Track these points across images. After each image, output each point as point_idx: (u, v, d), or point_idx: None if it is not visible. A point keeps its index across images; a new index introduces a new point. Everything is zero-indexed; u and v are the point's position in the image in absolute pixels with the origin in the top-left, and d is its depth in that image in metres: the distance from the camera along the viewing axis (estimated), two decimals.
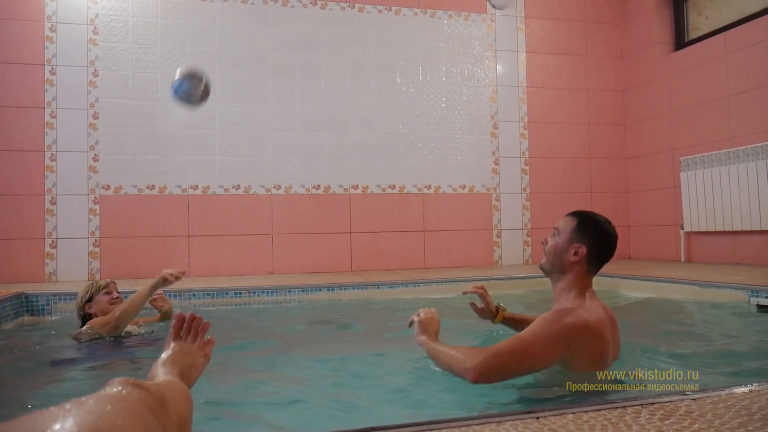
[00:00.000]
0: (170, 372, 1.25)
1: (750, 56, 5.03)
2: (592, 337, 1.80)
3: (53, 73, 5.02)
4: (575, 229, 1.98)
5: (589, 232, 1.97)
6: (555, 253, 1.99)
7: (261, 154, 5.45)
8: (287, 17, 5.59)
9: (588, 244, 1.95)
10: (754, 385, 1.44)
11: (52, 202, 4.97)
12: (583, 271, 1.96)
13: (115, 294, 3.13)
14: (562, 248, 1.98)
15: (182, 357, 1.34)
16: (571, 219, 2.03)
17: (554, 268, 2.00)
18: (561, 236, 2.00)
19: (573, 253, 1.95)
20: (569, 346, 1.76)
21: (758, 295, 3.39)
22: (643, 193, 6.29)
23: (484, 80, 6.09)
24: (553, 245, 2.01)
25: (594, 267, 1.98)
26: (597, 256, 1.97)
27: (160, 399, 0.79)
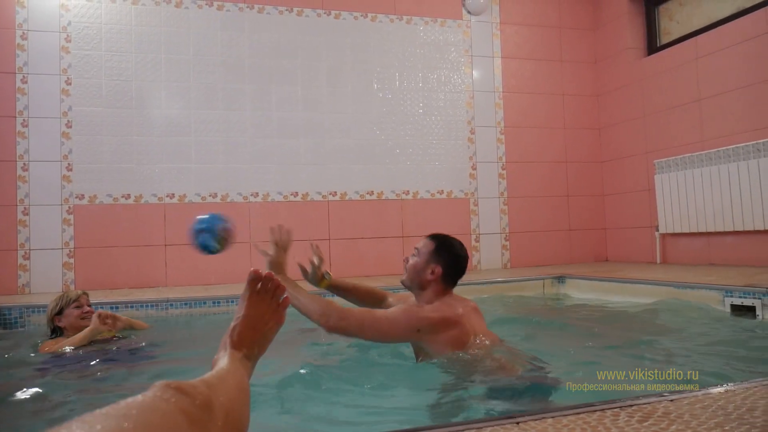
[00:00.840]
0: (234, 355, 1.16)
1: (720, 60, 5.12)
2: (444, 325, 2.07)
3: (24, 82, 4.94)
4: (433, 251, 2.24)
5: (445, 255, 2.24)
6: (414, 271, 2.24)
7: (238, 162, 5.41)
8: (263, 24, 5.57)
9: (443, 265, 2.22)
10: (730, 385, 1.46)
11: (24, 213, 4.88)
12: (439, 288, 2.22)
13: (86, 308, 3.06)
14: (421, 267, 2.23)
15: (252, 329, 1.24)
16: (429, 242, 2.29)
17: (413, 284, 2.25)
18: (420, 257, 2.25)
19: (430, 272, 2.21)
20: (418, 330, 2.05)
21: (732, 296, 3.44)
22: (618, 196, 6.37)
23: (460, 86, 6.12)
24: (412, 264, 2.26)
25: (449, 284, 2.25)
26: (451, 276, 2.24)
27: (204, 403, 0.76)
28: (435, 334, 2.06)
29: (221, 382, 0.93)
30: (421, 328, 2.05)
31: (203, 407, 0.75)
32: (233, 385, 0.96)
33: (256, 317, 1.27)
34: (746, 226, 4.75)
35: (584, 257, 6.42)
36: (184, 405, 0.71)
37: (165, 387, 0.72)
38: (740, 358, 2.38)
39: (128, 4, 5.24)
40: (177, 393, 0.72)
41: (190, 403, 0.72)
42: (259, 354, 1.26)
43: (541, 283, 4.91)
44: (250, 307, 1.28)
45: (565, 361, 2.38)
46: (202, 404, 0.75)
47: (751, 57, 4.84)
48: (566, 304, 4.46)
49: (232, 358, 1.14)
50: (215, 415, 0.77)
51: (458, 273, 2.27)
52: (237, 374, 1.06)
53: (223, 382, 0.94)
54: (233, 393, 0.92)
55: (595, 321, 3.59)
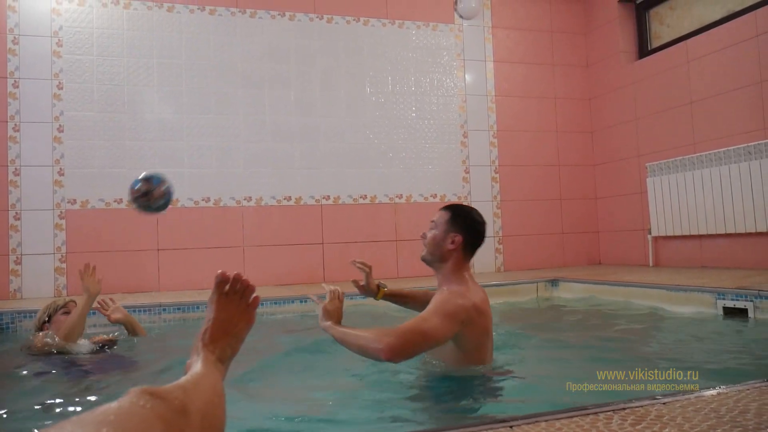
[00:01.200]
0: (207, 358, 1.16)
1: (711, 64, 5.15)
2: (478, 314, 2.02)
3: (16, 86, 4.92)
4: (449, 220, 2.18)
5: (462, 222, 2.17)
6: (434, 243, 2.19)
7: (231, 166, 5.41)
8: (255, 28, 5.56)
9: (462, 232, 2.15)
10: (722, 387, 1.46)
11: (16, 218, 4.86)
12: (460, 257, 2.16)
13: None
14: (440, 238, 2.17)
15: (223, 331, 1.24)
16: (445, 212, 2.22)
17: (434, 258, 2.20)
18: (438, 228, 2.19)
19: (450, 241, 2.15)
20: (462, 322, 1.96)
21: (724, 298, 3.46)
22: (611, 199, 6.39)
23: (453, 89, 6.14)
24: (431, 237, 2.20)
25: (469, 253, 2.19)
26: (471, 243, 2.18)
27: (180, 408, 0.76)
28: (471, 325, 2.00)
29: (196, 386, 0.94)
30: (465, 319, 1.97)
31: (179, 412, 0.75)
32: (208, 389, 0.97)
33: (226, 319, 1.27)
34: (738, 229, 4.77)
35: (577, 260, 6.43)
36: (161, 410, 0.71)
37: (141, 393, 0.72)
38: (732, 361, 2.39)
39: (120, 8, 5.22)
40: (153, 398, 0.72)
41: (166, 408, 0.73)
42: (232, 355, 1.26)
43: (534, 286, 4.91)
44: (219, 310, 1.28)
45: (560, 364, 2.39)
46: (178, 409, 0.75)
47: (741, 60, 4.87)
48: (560, 307, 4.47)
49: (205, 362, 1.14)
50: (191, 419, 0.78)
51: (478, 240, 2.20)
52: (211, 377, 1.06)
53: (198, 386, 0.94)
54: (208, 396, 0.93)
55: (589, 324, 3.60)
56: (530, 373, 2.22)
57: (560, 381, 2.05)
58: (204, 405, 0.87)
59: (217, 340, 1.23)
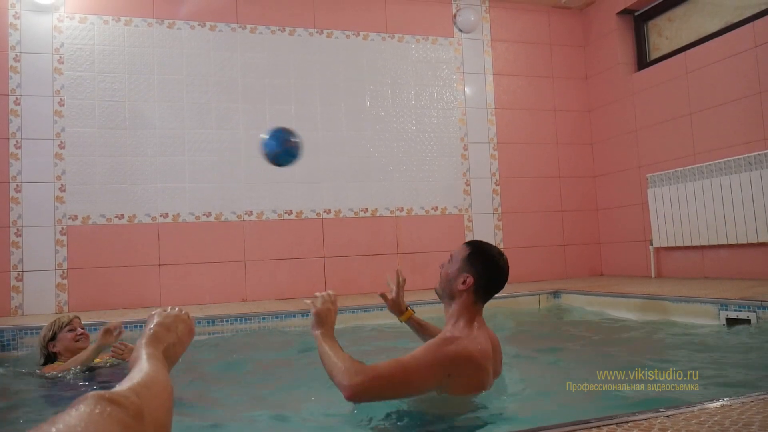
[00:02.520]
0: (154, 353, 1.16)
1: (710, 75, 5.17)
2: (473, 369, 1.80)
3: (17, 104, 4.94)
4: (466, 258, 1.99)
5: (478, 263, 1.97)
6: (446, 279, 2.01)
7: (232, 181, 5.41)
8: (256, 44, 5.60)
9: (475, 274, 1.95)
10: (726, 400, 1.45)
11: (17, 234, 4.86)
12: (471, 300, 1.95)
13: (79, 330, 3.04)
14: (452, 276, 1.98)
15: (166, 331, 1.26)
16: (465, 248, 2.03)
17: (444, 294, 2.02)
18: (452, 264, 2.01)
19: (461, 281, 1.95)
20: (449, 375, 1.76)
21: (727, 309, 3.44)
22: (612, 210, 6.39)
23: (452, 103, 6.16)
24: (444, 272, 2.03)
25: (482, 297, 1.98)
26: (484, 287, 1.97)
27: (136, 412, 0.76)
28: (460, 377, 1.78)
29: (148, 386, 0.94)
30: (452, 373, 1.76)
31: (136, 417, 0.75)
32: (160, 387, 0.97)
33: (168, 322, 1.29)
34: (740, 239, 4.76)
35: (579, 272, 6.42)
36: (120, 416, 0.71)
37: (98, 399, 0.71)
38: (736, 372, 2.38)
39: (121, 25, 5.26)
40: (111, 404, 0.72)
41: (124, 413, 0.73)
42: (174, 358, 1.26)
43: (536, 298, 4.90)
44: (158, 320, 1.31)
45: (560, 375, 2.37)
46: (135, 414, 0.75)
47: (740, 71, 4.89)
48: (562, 318, 4.45)
49: (152, 357, 1.15)
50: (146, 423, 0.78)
51: (493, 286, 1.99)
52: (161, 374, 1.06)
53: (150, 386, 0.94)
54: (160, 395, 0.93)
55: (590, 335, 3.58)
56: (532, 385, 2.21)
57: (561, 393, 2.04)
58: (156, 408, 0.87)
59: (162, 336, 1.24)
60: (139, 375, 1.02)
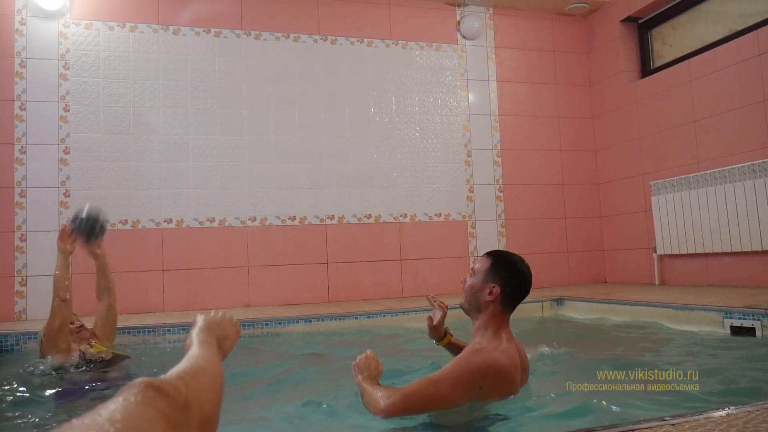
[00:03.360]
0: (208, 339, 1.17)
1: (713, 83, 5.17)
2: (503, 380, 1.84)
3: (23, 109, 4.96)
4: (489, 269, 2.02)
5: (503, 272, 2.01)
6: (471, 292, 2.04)
7: (236, 186, 5.42)
8: (260, 50, 5.62)
9: (501, 283, 1.99)
10: (732, 408, 1.45)
11: (21, 239, 4.87)
12: (498, 310, 1.99)
13: (77, 323, 3.13)
14: (478, 288, 2.02)
15: (216, 326, 1.27)
16: (486, 259, 2.07)
17: (471, 307, 2.04)
18: (476, 276, 2.04)
19: (488, 292, 1.98)
20: (481, 388, 1.78)
21: (731, 317, 3.43)
22: (615, 217, 6.38)
23: (456, 109, 6.17)
24: (469, 285, 2.05)
25: (509, 306, 2.02)
26: (511, 295, 2.01)
27: (184, 403, 0.73)
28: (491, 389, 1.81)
29: (198, 377, 0.90)
30: (483, 385, 1.79)
31: (182, 409, 0.73)
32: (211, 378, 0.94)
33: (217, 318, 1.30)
34: (744, 247, 4.75)
35: (583, 279, 6.41)
36: (165, 409, 0.69)
37: (146, 388, 0.69)
38: (741, 380, 2.37)
39: (126, 31, 5.29)
40: (158, 396, 0.69)
41: (170, 406, 0.70)
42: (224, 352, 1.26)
43: (540, 305, 4.89)
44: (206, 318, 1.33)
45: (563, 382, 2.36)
46: (182, 406, 0.73)
47: (743, 79, 4.89)
48: (565, 326, 4.44)
49: (207, 345, 1.14)
50: (193, 415, 0.75)
51: (520, 293, 2.04)
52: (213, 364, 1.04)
53: (200, 377, 0.91)
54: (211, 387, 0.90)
55: (593, 343, 3.57)
56: (534, 393, 2.20)
57: (564, 401, 2.03)
58: (205, 395, 0.85)
59: (213, 329, 1.25)
60: (190, 362, 1.00)
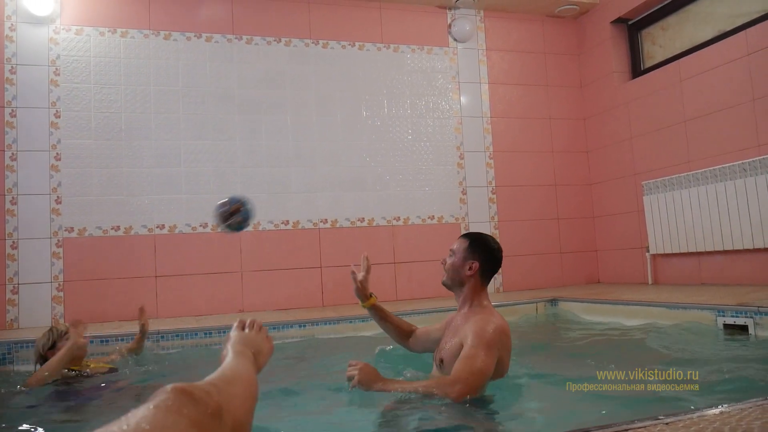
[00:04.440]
0: (243, 351, 1.18)
1: (703, 83, 5.20)
2: (506, 336, 2.18)
3: (13, 115, 4.94)
4: (468, 248, 2.34)
5: (479, 250, 2.33)
6: (453, 269, 2.35)
7: (228, 191, 5.40)
8: (252, 55, 5.61)
9: (480, 259, 2.31)
10: (725, 406, 1.45)
11: (13, 247, 4.84)
12: (478, 282, 2.32)
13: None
14: (459, 265, 2.33)
15: (252, 341, 1.30)
16: (463, 240, 2.38)
17: (454, 282, 2.36)
18: (456, 255, 2.35)
19: (468, 268, 2.31)
20: (499, 348, 2.11)
21: (724, 315, 3.45)
22: (608, 217, 6.40)
23: (448, 112, 6.18)
24: (450, 263, 2.36)
25: (486, 278, 2.35)
26: (488, 270, 2.34)
27: (215, 410, 0.73)
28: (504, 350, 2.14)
29: (231, 384, 0.90)
30: (501, 346, 2.11)
31: (214, 416, 0.72)
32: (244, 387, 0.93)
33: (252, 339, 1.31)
34: (735, 245, 4.77)
35: (576, 279, 6.42)
36: (196, 416, 0.68)
37: (178, 394, 0.68)
38: (734, 378, 2.38)
39: (117, 36, 5.27)
40: (190, 402, 0.68)
41: (202, 412, 0.69)
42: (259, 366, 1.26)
43: (533, 306, 4.90)
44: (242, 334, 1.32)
45: (559, 382, 2.37)
46: (213, 413, 0.72)
47: (733, 79, 4.92)
48: (560, 326, 4.45)
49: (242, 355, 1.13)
50: (224, 422, 0.74)
51: (494, 267, 2.36)
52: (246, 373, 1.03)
53: (233, 385, 0.91)
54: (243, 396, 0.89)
55: (588, 343, 3.58)
56: (531, 392, 2.21)
57: (561, 399, 2.04)
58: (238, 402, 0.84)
59: (249, 342, 1.27)
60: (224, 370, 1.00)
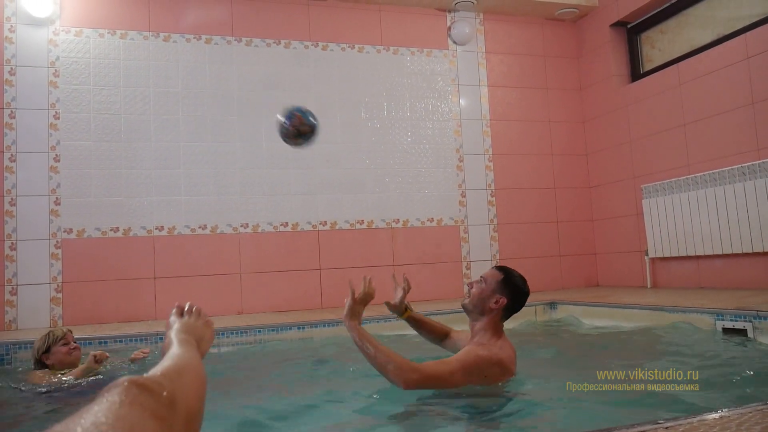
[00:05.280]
0: (187, 339, 1.17)
1: (702, 86, 5.20)
2: (501, 372, 2.20)
3: (12, 117, 4.94)
4: (501, 282, 2.34)
5: (511, 288, 2.33)
6: (480, 297, 2.34)
7: (228, 193, 5.41)
8: (251, 56, 5.61)
9: (508, 296, 2.31)
10: (725, 410, 1.45)
11: (11, 248, 4.84)
12: (498, 317, 2.33)
13: (72, 344, 3.09)
14: (487, 295, 2.33)
15: (193, 328, 1.29)
16: (498, 272, 2.38)
17: (475, 309, 2.35)
18: (487, 285, 2.35)
19: (494, 301, 2.31)
20: (486, 377, 2.15)
21: (723, 319, 3.45)
22: (607, 221, 6.40)
23: (448, 114, 6.18)
24: (478, 291, 2.35)
25: (507, 316, 2.36)
26: (511, 309, 2.35)
27: (169, 399, 0.73)
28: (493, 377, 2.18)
29: (181, 374, 0.90)
30: (488, 375, 2.16)
31: (168, 404, 0.72)
32: (193, 375, 0.94)
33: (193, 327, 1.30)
34: (734, 249, 4.78)
35: (575, 283, 6.42)
36: (153, 406, 0.68)
37: (132, 386, 0.68)
38: (733, 382, 2.38)
39: (116, 38, 5.27)
40: (145, 393, 0.69)
41: (158, 403, 0.70)
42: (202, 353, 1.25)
43: (532, 309, 4.89)
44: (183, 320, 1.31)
45: (558, 384, 2.37)
46: (167, 401, 0.72)
47: (732, 82, 4.93)
48: (559, 329, 4.44)
49: (187, 344, 1.13)
50: (178, 411, 0.75)
51: (518, 308, 2.37)
52: (194, 360, 1.04)
53: (183, 374, 0.91)
54: (194, 384, 0.90)
55: (587, 346, 3.58)
56: (529, 395, 2.20)
57: (558, 404, 2.03)
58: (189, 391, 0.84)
59: (191, 329, 1.26)
60: (171, 360, 0.99)
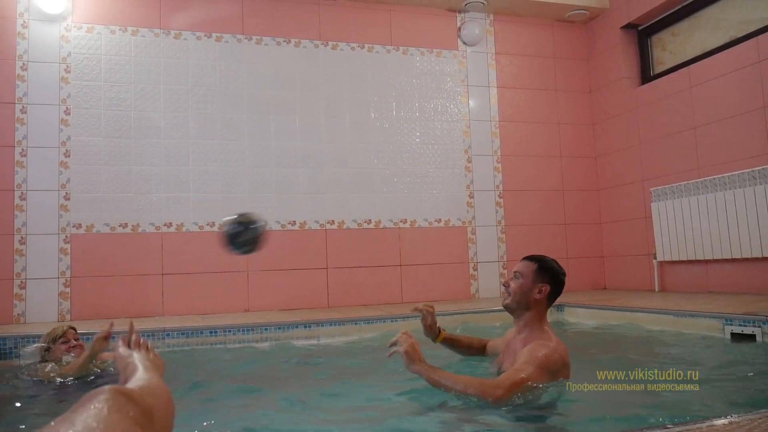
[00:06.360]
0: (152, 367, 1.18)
1: (714, 89, 5.17)
2: (565, 367, 2.16)
3: (24, 112, 4.96)
4: (536, 271, 2.32)
5: (549, 273, 2.32)
6: (521, 292, 2.30)
7: (236, 191, 5.42)
8: (261, 55, 5.62)
9: (550, 282, 2.30)
10: (734, 416, 1.44)
11: (21, 242, 4.86)
12: (543, 306, 2.31)
13: (72, 342, 3.09)
14: (528, 288, 2.29)
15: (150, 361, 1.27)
16: (530, 263, 2.36)
17: (520, 305, 2.30)
18: (524, 278, 2.32)
19: (537, 291, 2.28)
20: (554, 373, 2.09)
21: (732, 324, 3.43)
22: (615, 224, 6.38)
23: (457, 115, 6.17)
24: (518, 286, 2.32)
25: (550, 303, 2.34)
26: (554, 293, 2.32)
27: (148, 411, 0.75)
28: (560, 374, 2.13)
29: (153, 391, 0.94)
30: (557, 371, 2.11)
31: (148, 416, 0.75)
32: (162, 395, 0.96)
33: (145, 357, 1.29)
34: (744, 254, 4.75)
35: (582, 285, 6.40)
36: (136, 413, 0.71)
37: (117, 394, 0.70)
38: (743, 388, 2.36)
39: (128, 35, 5.29)
40: (129, 402, 0.71)
41: (140, 412, 0.72)
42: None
43: None
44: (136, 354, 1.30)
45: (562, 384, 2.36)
46: (146, 412, 0.75)
47: (743, 85, 4.90)
48: (565, 332, 4.43)
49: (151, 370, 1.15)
50: (155, 424, 0.77)
51: (560, 292, 2.35)
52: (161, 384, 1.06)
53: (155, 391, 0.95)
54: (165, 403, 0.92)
55: (593, 350, 3.56)
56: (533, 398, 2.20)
57: (560, 405, 2.03)
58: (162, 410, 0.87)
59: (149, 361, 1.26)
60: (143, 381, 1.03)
